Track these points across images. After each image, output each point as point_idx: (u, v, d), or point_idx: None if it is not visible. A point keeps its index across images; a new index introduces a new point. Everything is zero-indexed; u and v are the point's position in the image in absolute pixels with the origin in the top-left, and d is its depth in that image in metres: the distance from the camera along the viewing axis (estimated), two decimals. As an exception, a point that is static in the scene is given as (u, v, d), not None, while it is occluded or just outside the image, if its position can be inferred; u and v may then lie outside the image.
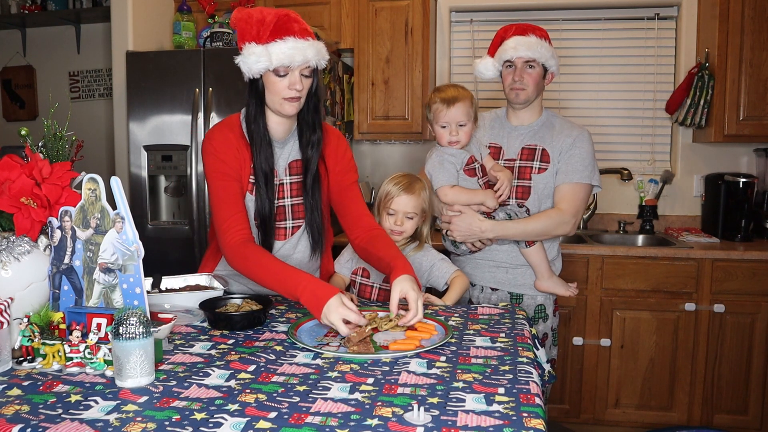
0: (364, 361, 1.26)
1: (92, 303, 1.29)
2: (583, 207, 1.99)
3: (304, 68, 1.57)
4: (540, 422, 0.97)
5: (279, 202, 1.73)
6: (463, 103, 1.88)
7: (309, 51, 1.54)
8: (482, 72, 2.04)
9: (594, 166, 1.98)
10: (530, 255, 1.97)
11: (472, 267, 2.08)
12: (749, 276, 2.67)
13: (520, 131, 2.03)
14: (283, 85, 1.57)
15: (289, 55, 1.52)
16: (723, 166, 3.22)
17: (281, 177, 1.73)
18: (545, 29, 2.00)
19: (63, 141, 1.41)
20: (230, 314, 1.48)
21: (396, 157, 3.55)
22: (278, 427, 0.94)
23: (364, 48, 3.20)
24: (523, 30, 1.95)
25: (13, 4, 3.91)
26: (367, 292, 1.89)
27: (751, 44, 2.84)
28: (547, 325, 2.07)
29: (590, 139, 1.99)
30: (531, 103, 2.00)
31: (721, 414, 2.75)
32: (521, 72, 1.93)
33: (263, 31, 1.53)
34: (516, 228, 1.92)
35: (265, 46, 1.53)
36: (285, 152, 1.74)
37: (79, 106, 3.96)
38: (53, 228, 1.31)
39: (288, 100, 1.59)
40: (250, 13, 1.56)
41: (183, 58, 2.93)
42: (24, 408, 1.01)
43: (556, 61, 1.97)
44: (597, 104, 3.39)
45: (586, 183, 1.96)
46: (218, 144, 1.66)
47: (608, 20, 3.34)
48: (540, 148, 1.98)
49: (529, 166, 1.98)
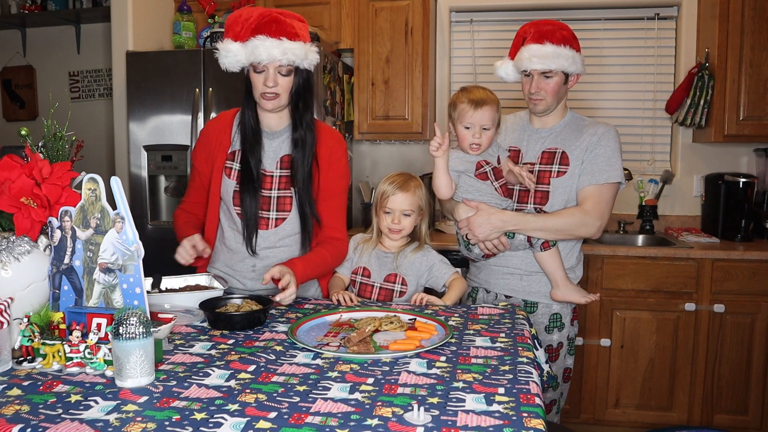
0: (364, 361, 1.26)
1: (92, 303, 1.29)
2: (610, 208, 1.90)
3: (280, 66, 1.66)
4: (540, 422, 0.97)
5: (264, 193, 1.78)
6: (490, 107, 1.83)
7: (275, 50, 1.63)
8: (502, 76, 1.99)
9: (619, 163, 1.89)
10: (544, 261, 1.89)
11: (486, 274, 2.02)
12: (749, 276, 2.67)
13: (541, 134, 1.96)
14: (260, 81, 1.69)
15: (257, 54, 1.64)
16: (723, 166, 3.22)
17: (270, 169, 1.79)
18: (568, 27, 1.90)
19: (63, 141, 1.41)
20: (230, 314, 1.48)
21: (396, 157, 3.55)
22: (278, 427, 0.94)
23: (364, 48, 3.20)
24: (539, 36, 1.85)
25: (13, 4, 3.91)
26: (368, 292, 1.89)
27: (751, 44, 2.84)
28: (562, 335, 1.98)
29: (616, 135, 1.91)
30: (552, 110, 1.93)
31: (721, 414, 2.75)
32: (538, 83, 1.86)
33: (245, 30, 1.65)
34: (536, 222, 1.84)
35: (244, 44, 1.66)
36: (275, 144, 1.81)
37: (79, 106, 3.96)
38: (53, 228, 1.31)
39: (264, 97, 1.70)
40: (241, 13, 1.68)
41: (183, 58, 2.93)
42: (24, 408, 1.01)
43: (578, 64, 1.88)
44: (597, 104, 3.38)
45: (613, 182, 1.88)
46: (203, 134, 1.87)
47: (608, 20, 3.34)
48: (560, 151, 1.91)
49: (549, 170, 1.91)
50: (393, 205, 1.86)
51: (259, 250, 1.80)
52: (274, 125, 1.80)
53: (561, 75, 1.87)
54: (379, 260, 1.90)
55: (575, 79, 1.92)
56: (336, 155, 1.83)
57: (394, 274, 1.87)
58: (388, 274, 1.87)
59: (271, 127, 1.80)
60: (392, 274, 1.87)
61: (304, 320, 1.52)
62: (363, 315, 1.58)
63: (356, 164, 3.58)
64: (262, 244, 1.80)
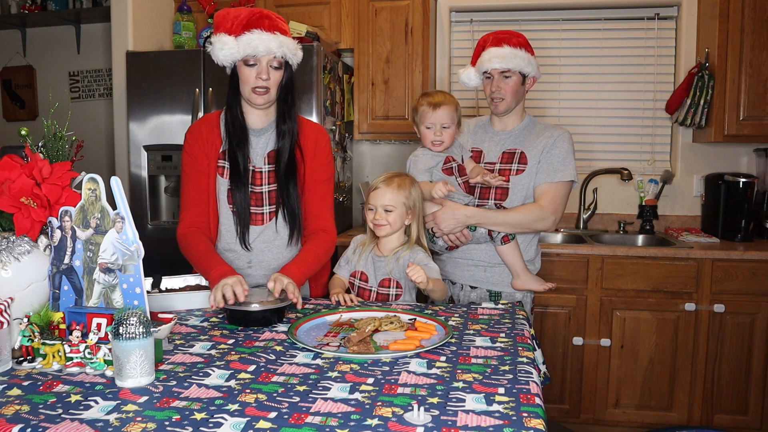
0: (364, 361, 1.26)
1: (92, 303, 1.29)
2: (564, 204, 2.05)
3: (272, 60, 1.71)
4: (540, 422, 0.97)
5: (256, 189, 1.82)
6: (448, 107, 1.98)
7: (272, 43, 1.69)
8: (465, 81, 2.15)
9: (573, 163, 2.04)
10: (505, 254, 2.03)
11: (452, 266, 2.14)
12: (749, 276, 2.67)
13: (501, 136, 2.12)
14: (251, 75, 1.72)
15: (254, 46, 1.67)
16: (723, 166, 3.22)
17: (259, 165, 1.83)
18: (523, 34, 2.07)
19: (63, 141, 1.41)
20: (247, 310, 1.50)
21: (396, 157, 3.55)
22: (278, 427, 0.94)
23: (364, 48, 3.20)
24: (498, 41, 2.03)
25: (13, 4, 3.91)
26: (365, 296, 1.88)
27: (751, 44, 2.85)
28: None
29: (570, 138, 2.06)
30: (512, 110, 2.08)
31: (721, 414, 2.75)
32: (498, 82, 2.02)
33: (236, 25, 1.70)
34: (497, 217, 1.99)
35: (236, 39, 1.69)
36: (263, 141, 1.84)
37: (79, 106, 3.96)
38: (53, 228, 1.31)
39: (255, 91, 1.73)
40: (229, 11, 1.73)
41: (183, 58, 2.93)
42: (24, 408, 1.01)
43: (533, 67, 2.03)
44: (597, 104, 3.38)
45: (567, 181, 2.03)
46: (190, 138, 1.85)
47: (608, 20, 3.34)
48: (519, 151, 2.06)
49: (508, 169, 2.06)
50: (374, 201, 1.87)
51: (255, 245, 1.83)
52: (259, 123, 1.83)
53: (519, 76, 2.03)
54: (375, 264, 1.89)
55: (532, 81, 2.09)
56: (320, 145, 1.88)
57: (388, 278, 1.86)
58: (382, 279, 1.87)
59: (257, 124, 1.83)
60: (386, 279, 1.86)
61: (304, 320, 1.52)
62: (363, 315, 1.58)
63: (356, 164, 3.58)
64: (257, 240, 1.83)
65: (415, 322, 1.51)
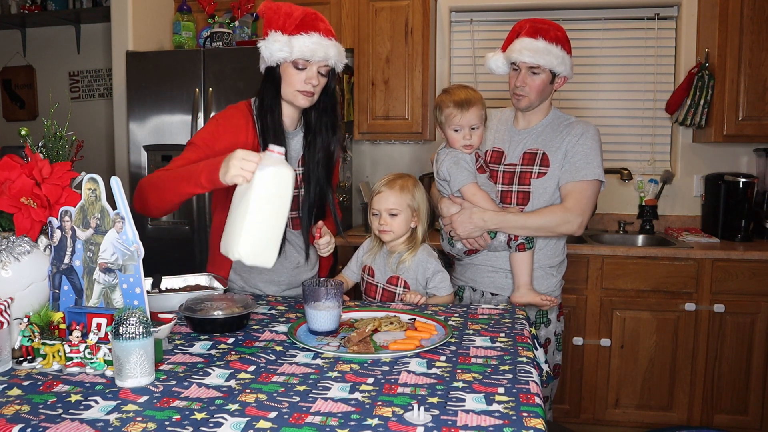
0: (364, 361, 1.26)
1: (92, 303, 1.29)
2: (591, 205, 1.91)
3: (322, 66, 1.64)
4: (540, 422, 0.97)
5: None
6: (476, 107, 1.86)
7: (331, 50, 1.63)
8: (492, 68, 2.00)
9: (597, 160, 1.90)
10: (516, 262, 1.91)
11: (472, 272, 2.04)
12: (749, 276, 2.67)
13: (523, 135, 1.98)
14: (299, 78, 1.65)
15: (312, 50, 1.61)
16: (723, 166, 3.22)
17: (294, 167, 1.76)
18: (563, 29, 1.91)
19: (63, 141, 1.41)
20: (212, 318, 1.43)
21: (396, 157, 3.55)
22: (278, 427, 0.94)
23: (364, 48, 3.20)
24: (534, 31, 1.87)
25: (13, 4, 3.91)
26: (372, 291, 1.88)
27: (751, 44, 2.85)
28: (549, 330, 2.02)
29: (596, 134, 1.93)
30: (535, 107, 1.95)
31: (721, 414, 2.75)
32: (524, 78, 1.88)
33: (289, 24, 1.61)
34: (516, 220, 1.87)
35: (288, 38, 1.60)
36: (294, 143, 1.79)
37: (79, 106, 3.96)
38: (53, 228, 1.31)
39: (302, 93, 1.66)
40: (279, 5, 1.64)
41: (183, 58, 2.93)
42: (24, 408, 1.01)
43: (567, 66, 1.89)
44: (597, 104, 3.38)
45: (592, 179, 1.89)
46: (225, 124, 1.70)
47: (608, 20, 3.34)
48: (541, 152, 1.94)
49: (529, 171, 1.93)
50: (378, 205, 1.85)
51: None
52: (290, 123, 1.78)
53: (548, 73, 1.88)
54: (384, 261, 1.89)
55: (562, 81, 1.94)
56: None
57: (395, 276, 1.86)
58: (390, 276, 1.87)
59: (288, 124, 1.78)
60: (394, 276, 1.86)
61: (304, 320, 1.52)
62: (363, 315, 1.58)
63: (356, 164, 3.58)
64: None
65: (415, 322, 1.51)
